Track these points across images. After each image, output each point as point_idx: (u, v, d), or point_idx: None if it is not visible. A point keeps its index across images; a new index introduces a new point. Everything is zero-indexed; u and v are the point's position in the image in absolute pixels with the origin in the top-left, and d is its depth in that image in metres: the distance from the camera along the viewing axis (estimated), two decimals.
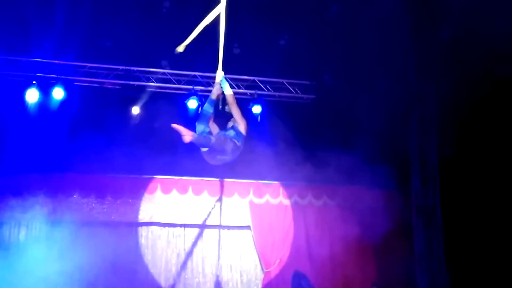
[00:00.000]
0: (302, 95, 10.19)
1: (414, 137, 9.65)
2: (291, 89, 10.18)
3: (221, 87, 5.81)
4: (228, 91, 5.80)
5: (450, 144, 8.96)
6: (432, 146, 9.53)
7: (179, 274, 9.84)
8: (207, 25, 5.66)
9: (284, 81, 10.14)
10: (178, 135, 5.42)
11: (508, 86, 8.64)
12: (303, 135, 9.44)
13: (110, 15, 8.83)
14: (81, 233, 9.49)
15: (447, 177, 9.27)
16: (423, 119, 9.40)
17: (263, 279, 9.95)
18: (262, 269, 10.03)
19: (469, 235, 8.91)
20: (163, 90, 9.85)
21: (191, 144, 6.20)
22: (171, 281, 9.64)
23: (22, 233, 9.45)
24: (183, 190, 9.90)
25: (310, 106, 10.14)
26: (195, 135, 5.35)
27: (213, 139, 5.47)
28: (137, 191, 9.79)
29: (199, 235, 10.06)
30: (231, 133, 5.68)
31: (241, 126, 5.76)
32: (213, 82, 9.72)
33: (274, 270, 9.92)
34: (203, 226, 10.01)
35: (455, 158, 8.98)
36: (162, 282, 9.73)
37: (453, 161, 9.04)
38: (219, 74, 5.81)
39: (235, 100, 5.81)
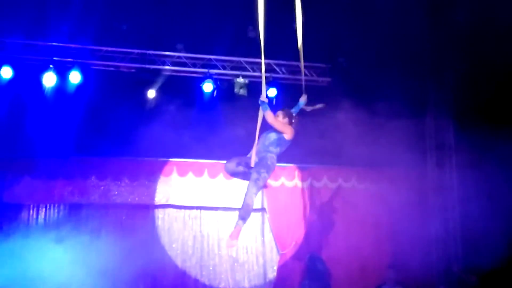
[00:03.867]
0: (318, 78, 10.15)
1: (431, 118, 9.62)
2: (307, 72, 10.14)
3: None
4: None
5: (467, 125, 8.90)
6: (449, 128, 9.50)
7: (195, 256, 9.96)
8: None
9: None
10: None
11: None
12: (318, 118, 9.41)
13: None
14: (99, 216, 9.63)
15: (463, 159, 9.23)
16: (439, 101, 9.35)
17: (279, 261, 10.02)
18: (278, 251, 10.10)
19: (485, 216, 8.86)
20: (178, 74, 9.86)
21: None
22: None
23: (41, 216, 9.61)
24: (199, 172, 9.98)
25: (325, 89, 10.10)
26: None
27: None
28: (153, 174, 9.88)
29: (215, 217, 10.14)
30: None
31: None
32: (228, 66, 9.79)
33: (290, 252, 9.97)
34: (219, 209, 10.09)
35: (471, 140, 8.92)
36: (179, 263, 9.85)
37: (470, 142, 8.97)
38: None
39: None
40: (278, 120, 5.90)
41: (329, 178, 10.29)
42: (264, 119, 5.78)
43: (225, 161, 6.12)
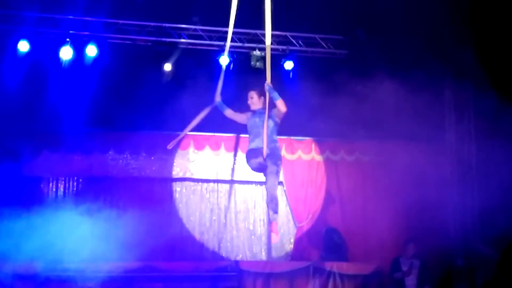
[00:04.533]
0: (335, 51, 10.03)
1: (450, 90, 9.51)
2: (324, 44, 10.04)
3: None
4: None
5: (486, 97, 8.78)
6: (468, 100, 9.39)
7: (213, 229, 10.05)
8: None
9: (317, 36, 9.99)
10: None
11: None
12: (336, 91, 9.35)
13: None
14: (117, 189, 9.74)
15: (482, 131, 9.14)
16: (459, 72, 9.23)
17: (296, 234, 10.07)
18: (295, 224, 10.14)
19: (504, 188, 8.79)
20: (194, 47, 9.81)
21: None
22: None
23: (60, 188, 9.73)
24: (215, 146, 10.01)
25: (343, 62, 10.00)
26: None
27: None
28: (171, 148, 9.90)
29: (232, 190, 10.20)
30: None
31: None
32: (245, 39, 9.71)
33: (307, 225, 10.01)
34: (236, 182, 10.14)
35: (491, 112, 8.81)
36: (197, 236, 9.95)
37: (489, 115, 8.87)
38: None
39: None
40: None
41: (346, 151, 10.27)
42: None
43: (241, 135, 6.22)
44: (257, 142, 5.85)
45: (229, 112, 6.16)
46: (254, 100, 6.13)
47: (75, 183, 9.78)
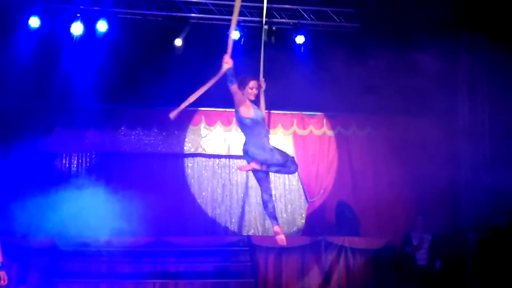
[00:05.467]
0: (347, 24, 9.92)
1: (463, 62, 9.39)
2: (335, 17, 9.93)
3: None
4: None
5: (500, 68, 8.66)
6: (481, 71, 9.27)
7: (224, 204, 10.11)
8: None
9: (328, 9, 9.88)
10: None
11: None
12: (347, 65, 9.28)
13: None
14: (129, 164, 9.80)
15: (496, 104, 9.04)
16: (472, 42, 9.10)
17: (307, 209, 10.11)
18: (306, 199, 10.17)
19: None
20: (205, 21, 9.75)
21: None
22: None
23: (73, 164, 9.81)
24: (227, 122, 10.01)
25: (354, 35, 9.90)
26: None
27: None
28: (182, 123, 9.95)
29: None
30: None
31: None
32: (256, 12, 9.60)
33: (318, 200, 10.04)
34: None
35: (505, 85, 8.70)
36: (209, 211, 10.02)
37: (503, 87, 8.75)
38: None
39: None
40: None
41: (358, 126, 10.24)
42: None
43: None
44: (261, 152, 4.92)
45: (235, 89, 4.84)
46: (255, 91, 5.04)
47: (87, 159, 9.88)
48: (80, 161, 9.86)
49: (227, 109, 9.95)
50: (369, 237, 9.25)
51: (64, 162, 9.81)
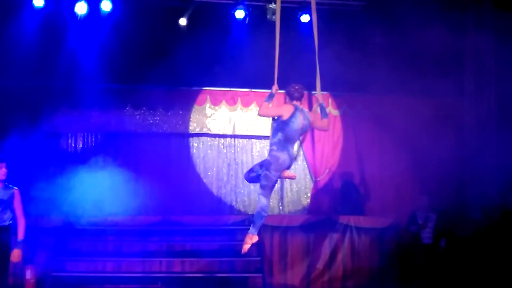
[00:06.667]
0: (353, 2, 9.82)
1: (470, 40, 9.31)
2: None
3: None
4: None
5: (508, 45, 8.58)
6: (489, 49, 9.20)
7: (230, 183, 10.13)
8: None
9: None
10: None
11: None
12: (353, 44, 9.21)
13: None
14: (135, 144, 9.83)
15: (503, 84, 8.99)
16: (479, 20, 9.01)
17: (313, 188, 10.12)
18: (312, 178, 10.18)
19: None
20: (210, 0, 9.68)
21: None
22: None
23: (79, 144, 9.85)
24: (232, 101, 10.00)
25: (360, 14, 9.81)
26: None
27: None
28: (187, 103, 9.95)
29: (249, 145, 10.24)
30: None
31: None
32: None
33: (323, 179, 10.05)
34: (252, 137, 10.16)
35: None
36: (214, 191, 10.05)
37: (511, 64, 8.68)
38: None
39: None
40: None
41: (363, 106, 10.19)
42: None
43: (257, 90, 6.03)
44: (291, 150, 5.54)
45: (270, 107, 5.88)
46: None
47: (93, 139, 9.90)
48: (85, 141, 9.89)
49: (232, 89, 9.95)
50: (374, 216, 9.26)
51: (69, 142, 9.84)
